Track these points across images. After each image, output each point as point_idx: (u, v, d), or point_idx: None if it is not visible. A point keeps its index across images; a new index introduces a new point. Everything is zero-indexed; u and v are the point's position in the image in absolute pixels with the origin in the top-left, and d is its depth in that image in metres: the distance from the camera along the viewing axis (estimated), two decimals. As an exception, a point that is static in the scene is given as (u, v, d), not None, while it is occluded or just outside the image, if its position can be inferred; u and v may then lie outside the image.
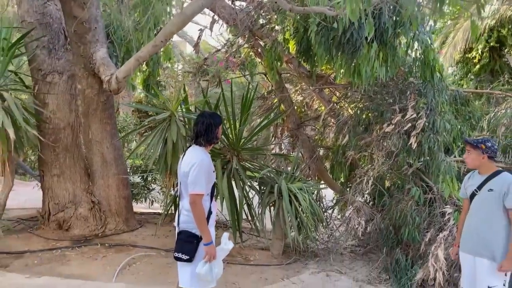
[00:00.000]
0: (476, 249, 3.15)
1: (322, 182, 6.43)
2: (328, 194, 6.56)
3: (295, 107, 6.36)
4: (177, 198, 3.17)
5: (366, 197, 6.05)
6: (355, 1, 2.48)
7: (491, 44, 12.14)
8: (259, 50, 5.69)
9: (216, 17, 5.28)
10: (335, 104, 5.90)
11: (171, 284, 4.25)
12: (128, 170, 6.60)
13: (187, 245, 2.89)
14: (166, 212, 5.75)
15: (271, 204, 5.30)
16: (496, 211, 3.05)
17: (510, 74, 11.61)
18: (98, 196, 5.60)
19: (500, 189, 3.05)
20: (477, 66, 12.35)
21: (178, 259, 2.92)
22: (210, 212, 2.97)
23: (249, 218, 5.61)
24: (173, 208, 5.88)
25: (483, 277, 3.06)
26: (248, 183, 5.27)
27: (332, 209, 6.09)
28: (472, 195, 3.28)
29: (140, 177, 7.12)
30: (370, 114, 5.43)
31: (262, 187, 5.42)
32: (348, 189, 6.00)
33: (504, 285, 2.98)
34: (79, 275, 4.42)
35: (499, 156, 5.71)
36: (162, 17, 5.13)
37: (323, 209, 5.96)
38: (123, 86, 4.84)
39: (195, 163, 2.86)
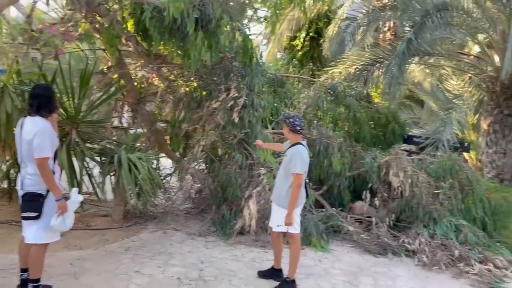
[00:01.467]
0: (273, 197, 4.23)
1: (162, 152, 7.01)
2: (169, 164, 7.21)
3: (135, 83, 6.76)
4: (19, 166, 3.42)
5: (201, 165, 6.88)
6: (177, 1, 3.10)
7: (311, 34, 14.19)
8: (97, 26, 5.87)
9: (51, -10, 5.29)
10: (172, 82, 6.51)
11: (8, 251, 4.40)
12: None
13: (34, 204, 3.24)
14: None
15: (111, 174, 5.69)
16: (286, 171, 4.10)
17: (325, 62, 13.73)
18: None
19: (289, 157, 4.10)
20: (300, 53, 14.31)
21: (26, 218, 3.25)
22: (53, 172, 3.33)
23: (90, 188, 5.89)
24: (7, 181, 5.80)
25: (274, 218, 4.15)
26: (88, 155, 5.54)
27: (170, 177, 6.75)
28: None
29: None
30: (202, 92, 6.21)
31: (102, 158, 5.75)
32: (184, 158, 6.73)
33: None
34: None
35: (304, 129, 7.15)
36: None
37: (162, 177, 6.59)
38: None
39: (38, 130, 3.19)
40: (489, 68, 9.16)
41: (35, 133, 3.19)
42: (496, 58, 8.90)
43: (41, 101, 3.30)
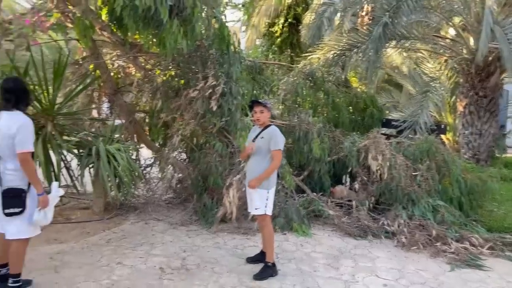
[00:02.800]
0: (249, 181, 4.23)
1: (141, 143, 6.95)
2: (149, 154, 7.15)
3: (111, 73, 6.64)
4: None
5: (182, 155, 6.86)
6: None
7: (290, 20, 14.14)
8: (70, 16, 5.73)
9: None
10: (149, 71, 6.42)
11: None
12: None
13: (16, 200, 3.23)
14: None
15: (90, 166, 5.62)
16: (264, 152, 4.12)
17: (305, 47, 13.73)
18: None
19: (268, 137, 4.13)
20: (279, 39, 14.27)
21: (10, 214, 3.21)
22: None
23: (68, 181, 5.82)
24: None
25: (253, 201, 4.16)
26: (66, 147, 5.45)
27: (150, 167, 6.70)
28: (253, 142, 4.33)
29: None
30: (180, 81, 6.15)
31: (80, 150, 5.67)
32: (165, 148, 6.68)
33: (265, 206, 4.10)
34: None
35: (284, 115, 7.19)
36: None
37: (142, 168, 6.54)
38: None
39: (20, 125, 3.18)
40: (464, 50, 9.32)
41: (18, 128, 3.17)
42: (471, 41, 9.06)
43: (18, 96, 3.26)
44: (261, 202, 4.05)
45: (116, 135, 6.22)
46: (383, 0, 8.02)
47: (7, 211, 3.22)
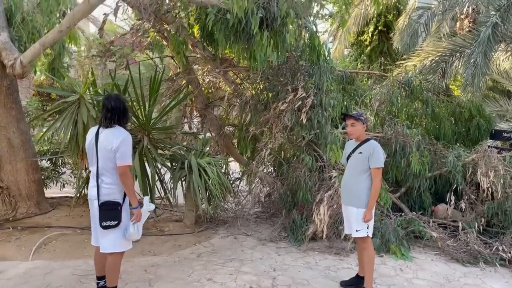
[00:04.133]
0: (346, 199, 3.92)
1: (230, 156, 6.98)
2: (237, 167, 7.17)
3: (202, 88, 6.79)
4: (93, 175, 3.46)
5: (269, 169, 6.75)
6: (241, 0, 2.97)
7: (380, 28, 13.54)
8: (165, 34, 5.97)
9: (121, 2, 5.44)
10: (238, 85, 6.45)
11: (88, 257, 4.56)
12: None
13: (113, 213, 3.29)
14: (79, 193, 5.91)
15: (182, 179, 5.73)
16: (361, 168, 3.81)
17: (396, 55, 13.01)
18: (7, 181, 5.59)
19: (367, 153, 3.81)
20: (368, 48, 13.71)
21: (106, 227, 3.28)
22: None
23: (162, 193, 5.99)
24: (86, 189, 6.07)
25: (352, 222, 3.84)
26: (160, 161, 5.62)
27: (239, 181, 6.68)
28: (348, 157, 4.04)
29: (48, 161, 7.06)
30: (268, 94, 6.06)
31: (173, 164, 5.82)
32: (253, 162, 6.63)
33: (367, 228, 3.78)
34: (-7, 257, 4.50)
35: (377, 127, 6.74)
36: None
37: (231, 181, 6.54)
38: (28, 70, 4.87)
39: (123, 139, 3.26)
40: None
41: (120, 142, 3.25)
42: None
43: (118, 114, 3.35)
44: (362, 224, 3.73)
45: (207, 149, 6.32)
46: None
47: (104, 223, 3.29)
